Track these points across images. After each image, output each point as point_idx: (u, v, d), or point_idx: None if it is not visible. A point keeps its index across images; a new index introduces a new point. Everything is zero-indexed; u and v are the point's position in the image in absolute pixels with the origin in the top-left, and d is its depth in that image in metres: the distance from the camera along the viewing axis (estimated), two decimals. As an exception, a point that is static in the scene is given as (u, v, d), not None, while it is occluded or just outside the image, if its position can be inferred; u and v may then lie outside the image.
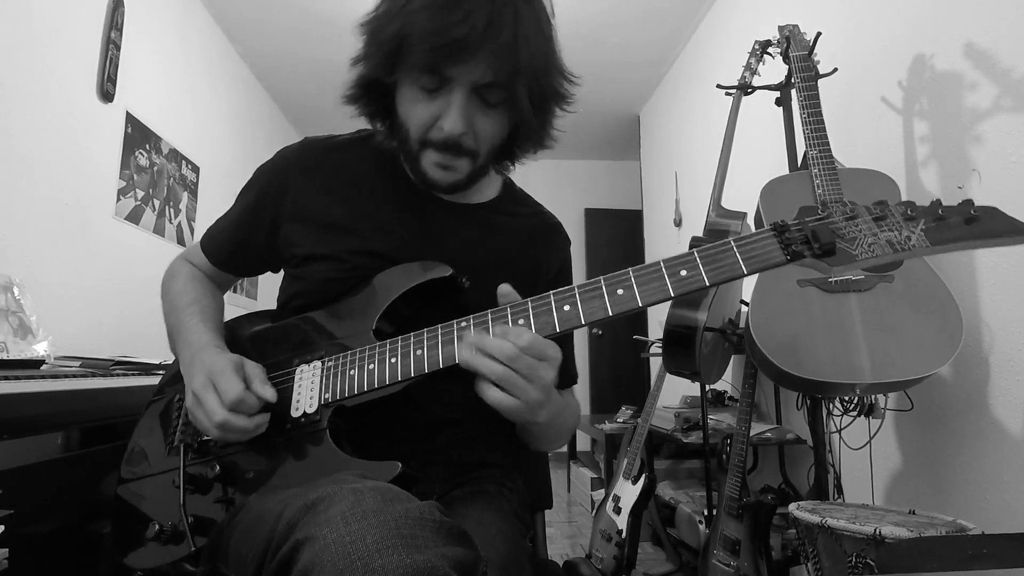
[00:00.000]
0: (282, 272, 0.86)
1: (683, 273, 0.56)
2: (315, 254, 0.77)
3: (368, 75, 0.71)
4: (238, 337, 0.80)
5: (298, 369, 0.71)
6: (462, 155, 0.71)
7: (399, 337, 0.67)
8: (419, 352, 0.64)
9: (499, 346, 0.57)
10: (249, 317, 0.83)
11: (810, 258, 0.54)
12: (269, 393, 0.67)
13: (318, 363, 0.70)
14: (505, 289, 0.63)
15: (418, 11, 0.63)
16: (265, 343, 0.77)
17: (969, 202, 0.52)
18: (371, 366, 0.66)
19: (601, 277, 0.59)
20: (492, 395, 0.58)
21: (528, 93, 0.68)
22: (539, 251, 0.86)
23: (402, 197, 0.80)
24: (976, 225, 0.51)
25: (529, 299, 0.62)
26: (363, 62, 0.71)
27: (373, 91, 0.73)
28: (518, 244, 0.84)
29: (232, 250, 0.86)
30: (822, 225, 0.54)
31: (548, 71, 0.71)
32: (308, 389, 0.69)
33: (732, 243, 0.56)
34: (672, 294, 0.56)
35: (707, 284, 0.55)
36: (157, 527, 0.66)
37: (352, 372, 0.67)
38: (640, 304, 0.57)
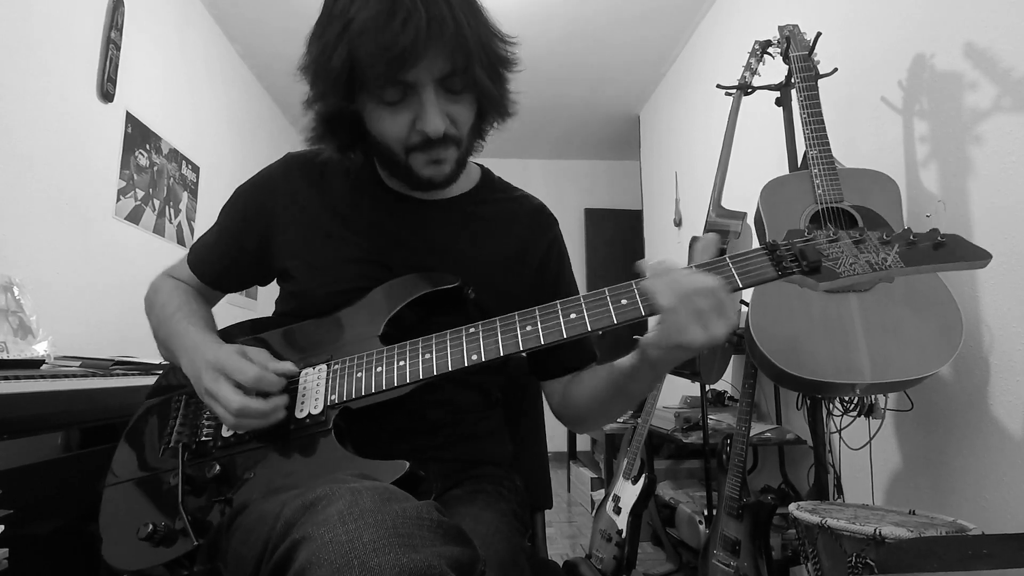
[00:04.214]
0: (275, 285, 0.87)
1: None
2: (307, 264, 0.78)
3: (329, 110, 0.71)
4: (236, 343, 0.79)
5: (303, 372, 0.71)
6: (448, 145, 0.71)
7: (407, 342, 0.67)
8: (427, 356, 0.65)
9: (704, 280, 0.58)
10: (243, 326, 0.83)
11: (798, 274, 0.59)
12: (284, 366, 0.68)
13: (323, 366, 0.70)
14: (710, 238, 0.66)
15: (360, 33, 0.63)
16: (268, 348, 0.77)
17: (935, 230, 0.59)
18: (379, 369, 0.67)
19: (606, 288, 0.62)
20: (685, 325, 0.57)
21: (485, 69, 0.69)
22: (524, 234, 0.86)
23: (385, 201, 0.81)
24: (942, 250, 0.59)
25: (536, 307, 0.64)
26: (320, 100, 0.70)
27: (337, 124, 0.73)
28: (502, 230, 0.84)
29: (221, 267, 0.86)
30: (809, 246, 0.60)
31: (491, 41, 0.71)
32: (313, 391, 0.69)
33: (728, 260, 0.60)
34: None
35: None
36: (150, 527, 0.65)
37: (359, 374, 0.67)
38: (643, 314, 0.60)
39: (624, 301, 0.60)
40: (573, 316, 0.61)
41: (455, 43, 0.65)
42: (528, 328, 0.62)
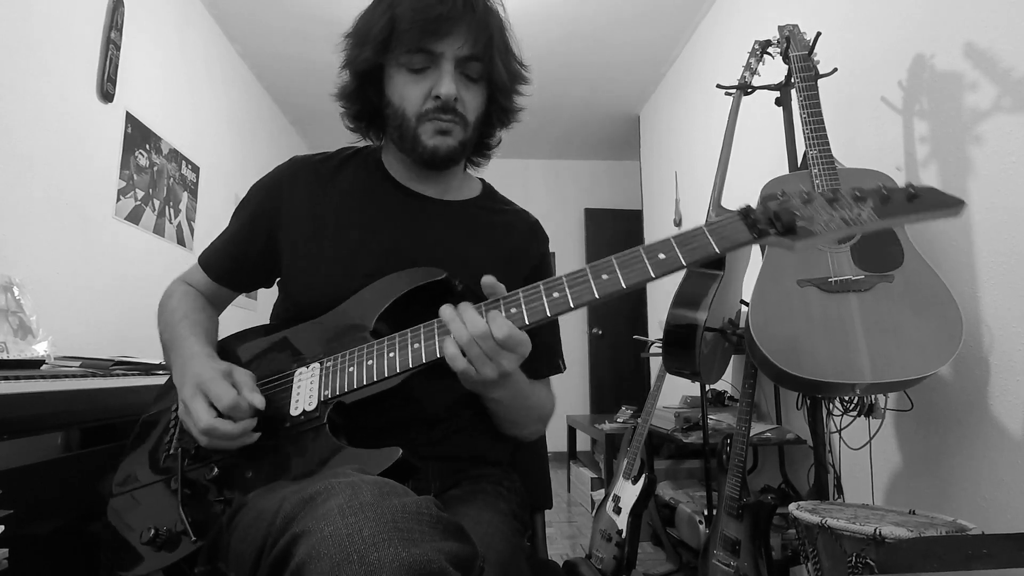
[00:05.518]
0: (275, 288, 0.88)
1: (661, 256, 0.61)
2: (311, 258, 0.79)
3: (364, 67, 0.79)
4: (235, 351, 0.80)
5: (297, 372, 0.72)
6: (456, 118, 0.78)
7: (396, 334, 0.68)
8: (416, 345, 0.66)
9: (474, 320, 0.62)
10: (244, 333, 0.84)
11: (775, 236, 0.59)
12: (257, 400, 0.67)
13: (316, 365, 0.71)
14: (489, 280, 0.65)
15: (403, 1, 0.74)
16: (264, 353, 0.78)
17: (909, 184, 0.60)
18: (370, 362, 0.67)
19: (586, 265, 0.63)
20: (448, 349, 0.62)
21: (501, 65, 0.79)
22: (518, 243, 0.90)
23: (391, 198, 0.84)
24: (916, 201, 0.59)
25: (520, 289, 0.65)
26: (357, 57, 0.79)
27: (366, 82, 0.81)
28: (501, 238, 0.88)
29: (231, 265, 0.88)
30: (783, 208, 0.60)
31: (510, 49, 0.82)
32: (307, 389, 0.69)
33: (703, 228, 0.61)
34: (652, 275, 0.61)
35: (684, 264, 0.60)
36: (152, 532, 0.66)
37: (351, 369, 0.68)
38: (624, 286, 0.61)
39: (605, 277, 0.61)
40: (556, 295, 0.62)
41: (481, 27, 0.76)
42: (513, 311, 0.63)
